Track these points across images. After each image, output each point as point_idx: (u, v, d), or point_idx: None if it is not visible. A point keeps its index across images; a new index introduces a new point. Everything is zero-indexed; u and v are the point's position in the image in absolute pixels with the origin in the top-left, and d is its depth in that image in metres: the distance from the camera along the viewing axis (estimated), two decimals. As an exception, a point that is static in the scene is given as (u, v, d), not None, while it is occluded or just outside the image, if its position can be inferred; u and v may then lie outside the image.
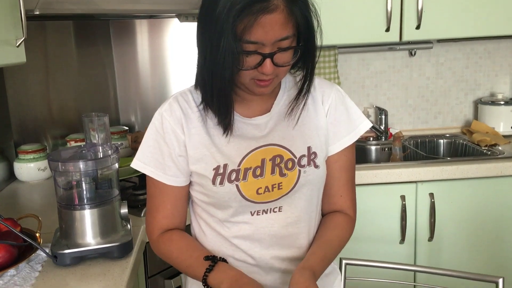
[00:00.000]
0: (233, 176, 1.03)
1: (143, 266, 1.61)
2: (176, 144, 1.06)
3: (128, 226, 1.38)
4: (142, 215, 1.61)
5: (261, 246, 1.07)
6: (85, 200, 1.28)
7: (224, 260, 1.02)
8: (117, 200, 1.33)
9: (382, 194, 2.07)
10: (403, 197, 2.06)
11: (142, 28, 2.39)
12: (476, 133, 2.39)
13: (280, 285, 1.07)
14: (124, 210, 1.35)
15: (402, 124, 2.64)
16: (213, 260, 1.00)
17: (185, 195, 1.11)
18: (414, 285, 2.06)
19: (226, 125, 1.03)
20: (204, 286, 0.99)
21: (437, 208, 2.06)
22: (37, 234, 1.30)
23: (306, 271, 0.97)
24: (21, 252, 1.24)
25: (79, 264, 1.27)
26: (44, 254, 1.29)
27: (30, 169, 2.06)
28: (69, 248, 1.25)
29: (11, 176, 2.11)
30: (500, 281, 1.30)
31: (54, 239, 1.31)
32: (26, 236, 1.22)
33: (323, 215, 1.16)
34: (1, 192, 1.98)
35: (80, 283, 1.19)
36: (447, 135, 2.54)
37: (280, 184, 1.05)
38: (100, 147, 1.35)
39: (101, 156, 1.31)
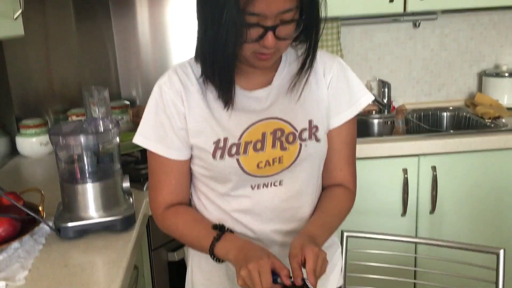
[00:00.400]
0: (234, 150, 1.03)
1: (146, 239, 1.63)
2: (177, 117, 1.05)
3: (131, 199, 1.39)
4: (144, 189, 1.62)
5: (261, 220, 1.07)
6: (87, 174, 1.28)
7: (231, 231, 1.02)
8: (118, 174, 1.33)
9: (384, 167, 2.07)
10: (405, 171, 2.06)
11: (141, 1, 2.35)
12: (480, 106, 2.37)
13: (281, 258, 1.07)
14: (126, 184, 1.35)
15: (405, 97, 2.62)
16: (221, 229, 1.01)
17: (188, 170, 1.11)
18: (415, 257, 2.08)
19: (228, 99, 1.01)
20: (211, 255, 0.99)
21: (439, 181, 2.06)
22: (40, 208, 1.30)
23: (303, 235, 0.98)
24: (24, 225, 1.25)
25: (83, 237, 1.29)
26: (48, 228, 1.31)
27: (32, 144, 2.06)
28: (72, 222, 1.26)
29: (13, 151, 2.11)
30: (501, 252, 1.31)
31: (57, 213, 1.32)
32: (29, 210, 1.23)
33: (323, 189, 1.16)
34: (3, 166, 1.99)
35: (84, 256, 1.20)
36: (451, 108, 2.52)
37: (281, 158, 1.04)
38: (101, 121, 1.35)
39: (102, 130, 1.31)
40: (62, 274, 1.11)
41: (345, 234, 1.50)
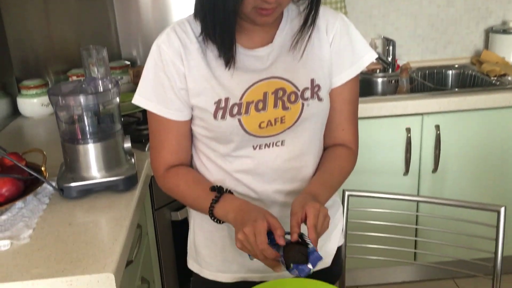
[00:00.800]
0: (235, 110, 1.02)
1: (149, 199, 1.64)
2: (176, 77, 1.03)
3: (132, 160, 1.39)
4: (146, 149, 1.62)
5: (263, 180, 1.07)
6: (88, 135, 1.28)
7: (230, 192, 1.02)
8: (119, 134, 1.33)
9: (388, 127, 2.06)
10: (408, 130, 2.05)
11: (140, -44, 2.28)
12: (486, 63, 2.33)
13: (283, 219, 1.08)
14: (127, 144, 1.35)
15: (410, 55, 2.57)
16: (219, 191, 1.01)
17: (189, 130, 1.10)
18: (417, 215, 2.09)
19: (229, 57, 0.99)
20: (211, 217, 1.00)
21: (443, 140, 2.05)
22: (43, 168, 1.31)
23: (305, 194, 0.98)
24: (28, 186, 1.26)
25: (86, 197, 1.30)
26: (51, 188, 1.31)
27: (33, 104, 2.05)
28: (74, 181, 1.27)
29: (15, 112, 2.11)
30: (502, 209, 1.32)
31: (60, 173, 1.33)
32: (31, 170, 1.24)
33: (325, 149, 1.15)
34: (5, 128, 1.99)
35: (88, 215, 1.21)
36: (456, 66, 2.48)
37: (283, 118, 1.03)
38: (100, 81, 1.34)
39: (101, 90, 1.30)
40: (66, 233, 1.13)
41: (347, 193, 1.51)
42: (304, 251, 0.87)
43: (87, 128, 1.28)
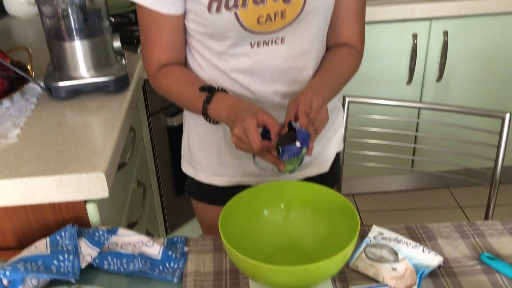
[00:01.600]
0: (231, 2, 0.93)
1: (143, 103, 1.60)
2: None
3: (123, 60, 1.32)
4: (138, 51, 1.54)
5: (261, 80, 1.01)
6: (74, 31, 1.20)
7: (222, 90, 0.97)
8: (108, 32, 1.25)
9: (394, 32, 1.96)
10: (415, 36, 1.95)
11: None
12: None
13: (281, 120, 1.04)
14: (116, 44, 1.27)
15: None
16: (210, 91, 0.95)
17: (182, 26, 1.02)
18: (417, 123, 2.06)
19: None
20: (205, 118, 0.95)
21: (450, 47, 1.97)
22: (29, 67, 1.24)
23: (306, 91, 0.93)
24: (13, 85, 1.20)
25: (75, 98, 1.25)
26: (40, 88, 1.26)
27: (20, 3, 1.94)
28: (62, 81, 1.21)
29: (1, 11, 2.00)
30: (507, 116, 1.27)
31: (47, 73, 1.27)
32: (16, 68, 1.17)
33: (328, 50, 1.08)
34: (-9, 27, 1.90)
35: (77, 116, 1.17)
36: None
37: (284, 12, 0.95)
38: (85, -28, 1.23)
39: (86, -19, 1.19)
40: (55, 133, 1.09)
41: (347, 99, 1.46)
42: (292, 135, 0.84)
43: (72, 24, 1.20)
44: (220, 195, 1.09)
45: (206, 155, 1.11)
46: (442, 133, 1.41)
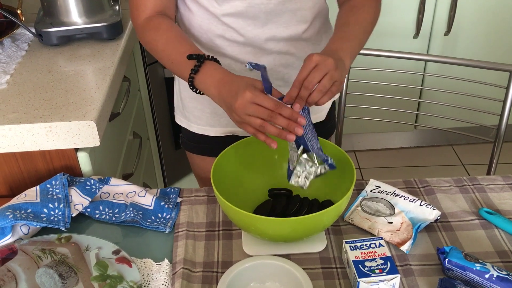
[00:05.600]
0: None
1: (140, 53, 1.55)
2: None
3: (117, 7, 1.27)
4: (134, -3, 1.48)
5: (255, 24, 0.95)
6: (65, -26, 1.15)
7: (213, 59, 0.86)
8: (100, -26, 1.19)
9: (401, -17, 1.88)
10: (423, -14, 1.87)
11: None
12: None
13: (276, 67, 0.99)
14: (110, -13, 1.22)
15: None
16: (199, 60, 0.85)
17: None
18: (423, 76, 2.01)
19: None
20: (191, 88, 0.87)
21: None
22: (19, 11, 1.20)
23: (322, 52, 0.83)
24: (3, 30, 1.16)
25: (67, 44, 1.20)
26: (30, 35, 1.22)
27: None
28: (54, 27, 1.16)
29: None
30: (515, 70, 1.22)
31: (38, 18, 1.22)
32: (5, 12, 1.12)
33: (341, 6, 0.99)
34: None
35: (69, 63, 1.13)
36: None
37: None
38: None
39: None
40: (46, 80, 1.06)
41: (351, 51, 1.40)
42: None
43: (63, -34, 1.14)
44: (214, 146, 1.06)
45: (199, 105, 1.06)
46: (448, 88, 1.37)
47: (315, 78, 0.77)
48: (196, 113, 1.07)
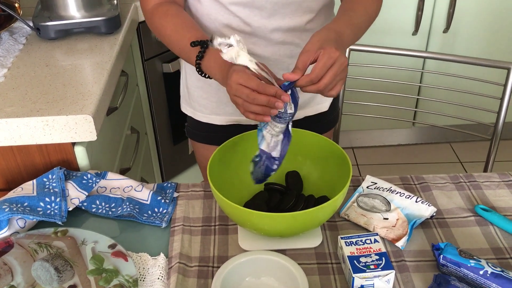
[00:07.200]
0: None
1: (138, 48, 1.55)
2: None
3: (115, 1, 1.27)
4: (132, -9, 1.48)
5: (261, 14, 0.95)
6: (63, -33, 1.14)
7: None
8: (99, -32, 1.19)
9: (401, -21, 1.88)
10: (423, -17, 1.87)
11: None
12: None
13: (280, 57, 0.99)
14: (108, -18, 1.21)
15: None
16: (202, 46, 0.87)
17: None
18: (421, 73, 2.01)
19: None
20: (200, 74, 0.90)
21: (459, -4, 1.89)
22: (16, 5, 1.19)
23: (327, 29, 0.83)
24: (1, 24, 1.16)
25: (65, 38, 1.20)
26: (28, 28, 1.21)
27: None
28: (51, 20, 1.16)
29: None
30: (513, 67, 1.22)
31: (36, 12, 1.22)
32: (3, 6, 1.12)
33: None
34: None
35: (67, 57, 1.13)
36: None
37: None
38: None
39: None
40: (43, 73, 1.06)
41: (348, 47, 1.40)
42: None
43: (61, -40, 1.14)
44: (218, 135, 1.07)
45: (204, 94, 1.07)
46: (446, 85, 1.37)
47: (327, 78, 0.77)
48: (201, 102, 1.08)
